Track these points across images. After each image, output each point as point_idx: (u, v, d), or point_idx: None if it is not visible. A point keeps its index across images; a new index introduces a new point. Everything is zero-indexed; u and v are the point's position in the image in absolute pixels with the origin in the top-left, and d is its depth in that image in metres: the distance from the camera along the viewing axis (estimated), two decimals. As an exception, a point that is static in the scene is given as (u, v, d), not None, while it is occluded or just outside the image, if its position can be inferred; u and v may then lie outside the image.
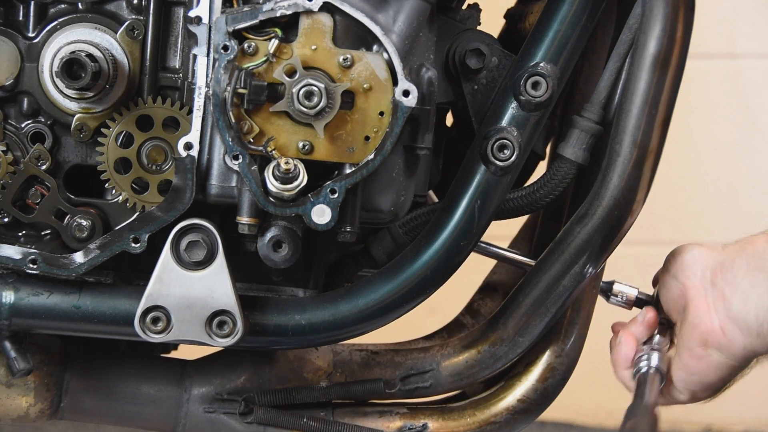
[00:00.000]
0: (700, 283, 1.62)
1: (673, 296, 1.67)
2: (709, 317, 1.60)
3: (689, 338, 1.62)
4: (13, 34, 1.65)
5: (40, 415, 1.78)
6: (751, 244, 1.60)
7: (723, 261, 1.61)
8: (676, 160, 2.81)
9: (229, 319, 1.62)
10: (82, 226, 1.64)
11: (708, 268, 1.62)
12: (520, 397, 1.84)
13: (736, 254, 1.60)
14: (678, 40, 1.66)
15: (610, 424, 3.73)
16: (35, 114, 1.67)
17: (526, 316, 1.75)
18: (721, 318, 1.59)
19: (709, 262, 1.63)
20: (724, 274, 1.60)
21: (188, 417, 1.79)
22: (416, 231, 1.74)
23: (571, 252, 1.71)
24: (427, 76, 1.66)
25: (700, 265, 1.63)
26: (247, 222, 1.61)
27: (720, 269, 1.61)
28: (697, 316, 1.61)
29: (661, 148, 1.69)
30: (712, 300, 1.60)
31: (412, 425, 1.82)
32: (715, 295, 1.60)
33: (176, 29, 1.67)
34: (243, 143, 1.57)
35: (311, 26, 1.59)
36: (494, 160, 1.68)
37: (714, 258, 1.63)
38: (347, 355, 1.83)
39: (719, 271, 1.61)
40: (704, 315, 1.60)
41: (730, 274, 1.60)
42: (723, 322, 1.59)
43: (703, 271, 1.63)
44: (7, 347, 1.69)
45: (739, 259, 1.59)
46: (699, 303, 1.61)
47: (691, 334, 1.62)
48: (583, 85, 1.83)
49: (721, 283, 1.60)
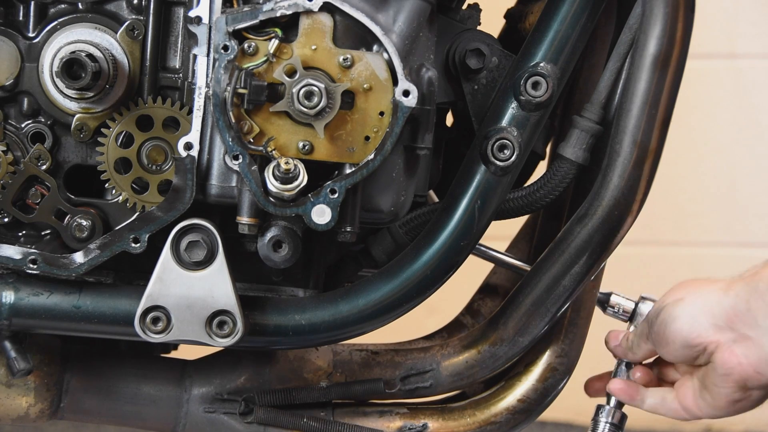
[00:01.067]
0: (715, 335, 1.59)
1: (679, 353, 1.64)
2: (740, 365, 1.57)
3: (724, 386, 1.60)
4: (13, 34, 1.65)
5: (40, 415, 1.78)
6: (760, 280, 1.56)
7: (734, 305, 1.57)
8: (676, 160, 2.81)
9: (229, 319, 1.62)
10: (82, 226, 1.64)
11: (717, 317, 1.59)
12: (520, 397, 1.84)
13: (747, 295, 1.57)
14: (678, 40, 1.66)
15: (610, 424, 3.73)
16: (35, 114, 1.67)
17: (526, 316, 1.75)
18: (753, 362, 1.57)
19: (715, 311, 1.59)
20: (742, 318, 1.57)
21: (188, 417, 1.79)
22: (416, 231, 1.74)
23: (571, 252, 1.71)
24: (427, 76, 1.66)
25: (706, 318, 1.60)
26: (247, 222, 1.61)
27: (735, 315, 1.57)
28: (728, 367, 1.58)
29: (661, 148, 1.69)
30: (739, 347, 1.57)
31: (412, 425, 1.82)
32: (739, 341, 1.57)
33: (176, 29, 1.67)
34: (243, 143, 1.57)
35: (311, 26, 1.59)
36: (494, 160, 1.68)
37: (718, 304, 1.59)
38: (347, 355, 1.83)
39: (734, 316, 1.57)
40: (735, 364, 1.58)
41: (749, 317, 1.56)
42: (757, 365, 1.57)
43: (713, 322, 1.59)
44: (7, 347, 1.69)
45: (754, 300, 1.56)
46: (725, 353, 1.58)
47: (725, 383, 1.60)
48: (583, 85, 1.83)
49: (742, 328, 1.57)
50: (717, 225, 3.62)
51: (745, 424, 3.62)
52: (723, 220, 3.66)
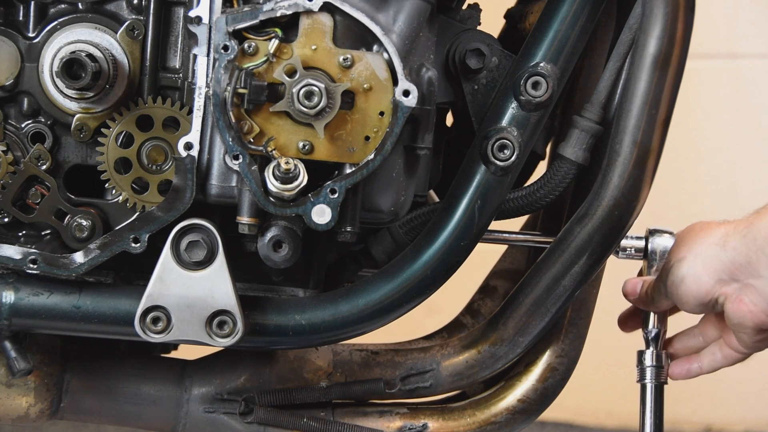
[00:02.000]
0: (722, 288, 1.66)
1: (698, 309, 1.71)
2: (751, 312, 1.64)
3: (743, 332, 1.67)
4: (13, 34, 1.65)
5: (40, 415, 1.78)
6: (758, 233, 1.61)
7: (733, 258, 1.64)
8: (676, 160, 2.81)
9: (229, 319, 1.62)
10: (82, 226, 1.64)
11: (719, 272, 1.66)
12: (520, 397, 1.84)
13: (745, 248, 1.63)
14: (678, 40, 1.66)
15: (610, 424, 3.74)
16: (35, 114, 1.67)
17: (526, 316, 1.75)
18: (763, 308, 1.63)
19: (716, 266, 1.66)
20: (743, 270, 1.63)
21: (188, 417, 1.79)
22: (416, 231, 1.74)
23: (571, 252, 1.71)
24: (427, 76, 1.66)
25: (709, 276, 1.66)
26: (247, 222, 1.61)
27: (736, 268, 1.64)
28: (740, 315, 1.65)
29: (661, 148, 1.69)
30: (746, 295, 1.64)
31: (412, 425, 1.82)
32: (745, 291, 1.64)
33: (176, 29, 1.67)
34: (243, 143, 1.57)
35: (311, 26, 1.59)
36: (494, 160, 1.68)
37: (717, 260, 1.65)
38: (347, 355, 1.83)
39: (735, 269, 1.64)
40: (746, 312, 1.64)
41: (750, 269, 1.63)
42: (767, 309, 1.63)
43: (717, 277, 1.66)
44: (7, 347, 1.69)
45: (753, 253, 1.62)
46: (734, 303, 1.65)
47: (742, 329, 1.67)
48: (583, 85, 1.83)
49: (746, 279, 1.63)
50: (717, 225, 3.61)
51: (745, 424, 3.62)
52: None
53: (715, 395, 1.87)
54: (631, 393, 1.84)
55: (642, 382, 1.79)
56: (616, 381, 3.38)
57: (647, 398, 1.79)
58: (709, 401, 3.59)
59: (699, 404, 3.52)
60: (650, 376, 1.78)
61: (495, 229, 1.80)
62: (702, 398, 3.58)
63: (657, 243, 1.80)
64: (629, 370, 1.85)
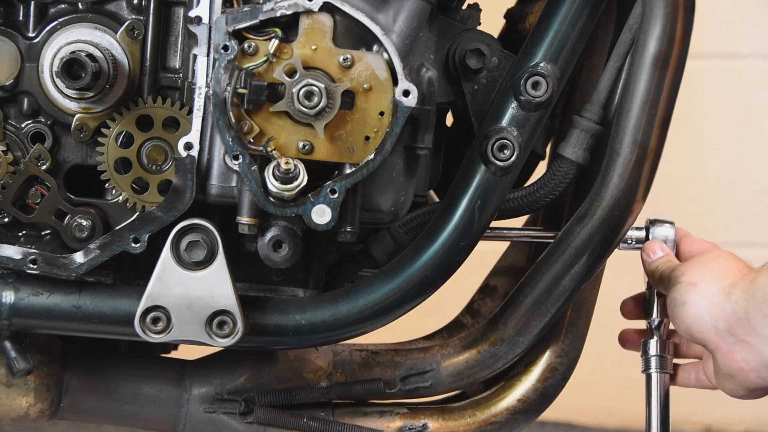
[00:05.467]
0: (714, 336, 1.62)
1: (685, 336, 1.68)
2: (741, 370, 1.61)
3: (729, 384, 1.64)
4: (13, 34, 1.65)
5: (40, 415, 1.78)
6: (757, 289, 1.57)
7: (734, 311, 1.59)
8: (676, 160, 2.81)
9: (229, 319, 1.62)
10: (82, 226, 1.64)
11: (718, 319, 1.61)
12: (520, 397, 1.84)
13: (745, 303, 1.58)
14: (678, 40, 1.67)
15: (610, 424, 3.74)
16: (35, 114, 1.67)
17: (526, 316, 1.75)
18: (753, 367, 1.60)
19: (717, 313, 1.61)
20: (741, 325, 1.59)
21: (188, 417, 1.79)
22: (416, 231, 1.74)
23: (571, 252, 1.71)
24: (427, 76, 1.66)
25: (709, 318, 1.62)
26: (247, 222, 1.61)
27: (735, 321, 1.59)
28: (730, 369, 1.62)
29: (661, 148, 1.69)
30: (739, 353, 1.60)
31: (412, 425, 1.82)
32: (739, 347, 1.60)
33: (176, 29, 1.67)
34: (243, 143, 1.57)
35: (311, 26, 1.59)
36: (494, 160, 1.68)
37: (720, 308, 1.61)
38: (347, 355, 1.83)
39: (734, 323, 1.59)
40: (737, 369, 1.61)
41: (747, 325, 1.58)
42: (758, 370, 1.60)
43: (714, 324, 1.62)
44: (7, 347, 1.69)
45: (751, 309, 1.57)
46: (726, 356, 1.62)
47: (730, 382, 1.64)
48: (583, 85, 1.83)
49: (742, 335, 1.59)
50: (717, 225, 3.62)
51: (745, 424, 3.62)
52: (723, 220, 3.66)
53: (715, 395, 1.87)
54: (631, 393, 1.84)
55: (647, 372, 1.78)
56: (616, 381, 3.39)
57: (653, 388, 1.77)
58: (709, 401, 3.58)
59: (699, 404, 3.51)
60: (655, 365, 1.77)
61: (495, 227, 1.80)
62: (702, 398, 3.57)
63: (657, 233, 1.80)
64: (629, 370, 1.85)
